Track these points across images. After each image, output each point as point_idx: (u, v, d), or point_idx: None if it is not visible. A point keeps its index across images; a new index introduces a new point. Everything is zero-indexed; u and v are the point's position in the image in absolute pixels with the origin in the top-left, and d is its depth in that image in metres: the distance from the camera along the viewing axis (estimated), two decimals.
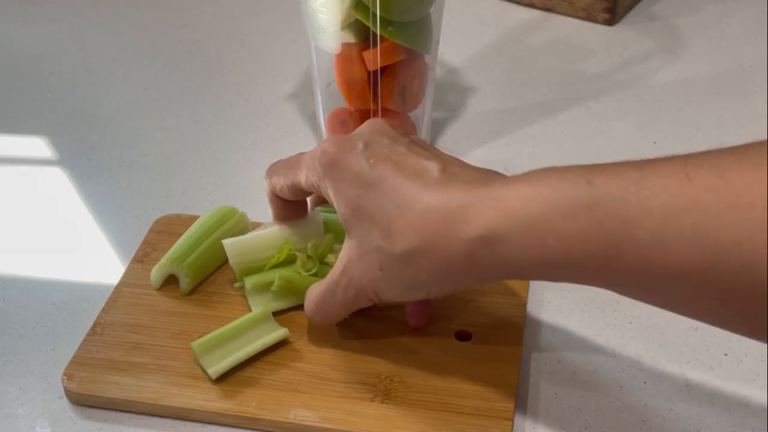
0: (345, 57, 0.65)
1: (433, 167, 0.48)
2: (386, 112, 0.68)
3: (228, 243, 0.58)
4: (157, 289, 0.60)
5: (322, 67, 0.68)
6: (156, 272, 0.59)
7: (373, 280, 0.49)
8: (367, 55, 0.64)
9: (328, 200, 0.51)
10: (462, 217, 0.45)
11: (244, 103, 0.81)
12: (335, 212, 0.51)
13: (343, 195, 0.49)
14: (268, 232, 0.58)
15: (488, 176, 0.48)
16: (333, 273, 0.52)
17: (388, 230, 0.47)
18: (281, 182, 0.55)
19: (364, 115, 0.68)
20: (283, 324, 0.56)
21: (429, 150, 0.51)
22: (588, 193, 0.42)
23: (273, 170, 0.56)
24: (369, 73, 0.65)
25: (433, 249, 0.46)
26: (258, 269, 0.58)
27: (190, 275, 0.59)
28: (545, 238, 0.43)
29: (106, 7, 0.96)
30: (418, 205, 0.47)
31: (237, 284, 0.59)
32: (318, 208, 0.60)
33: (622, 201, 0.40)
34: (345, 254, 0.51)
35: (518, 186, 0.44)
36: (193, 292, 0.60)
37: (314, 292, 0.54)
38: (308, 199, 0.59)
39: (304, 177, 0.52)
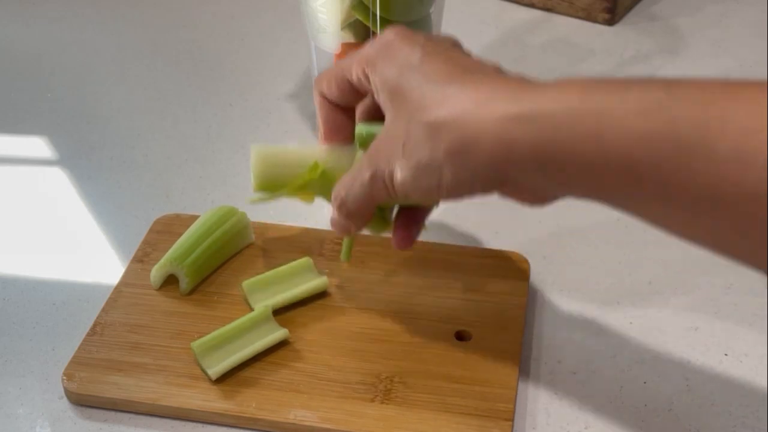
0: (345, 57, 0.65)
1: (483, 66, 0.46)
2: None
3: (257, 149, 0.55)
4: (157, 289, 0.60)
5: (322, 67, 0.68)
6: (156, 272, 0.59)
7: (392, 158, 0.47)
8: None
9: (373, 87, 0.49)
10: (505, 97, 0.42)
11: (244, 103, 0.81)
12: (378, 125, 0.50)
13: (384, 75, 0.47)
14: (302, 149, 0.55)
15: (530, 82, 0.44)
16: (360, 160, 0.50)
17: (421, 103, 0.45)
18: (330, 75, 0.52)
19: None
20: (283, 324, 0.56)
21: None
22: (664, 93, 0.37)
23: (324, 71, 0.54)
24: None
25: (462, 121, 0.43)
26: (279, 185, 0.55)
27: (190, 275, 0.59)
28: (603, 131, 0.38)
29: (106, 7, 0.96)
30: (459, 84, 0.44)
31: (252, 198, 0.56)
32: (359, 124, 0.54)
33: (703, 104, 0.36)
34: (375, 139, 0.49)
35: (549, 86, 0.41)
36: (193, 292, 0.60)
37: (341, 179, 0.52)
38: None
39: (354, 67, 0.50)
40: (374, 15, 0.62)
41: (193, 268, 0.59)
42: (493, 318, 0.57)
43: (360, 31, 0.64)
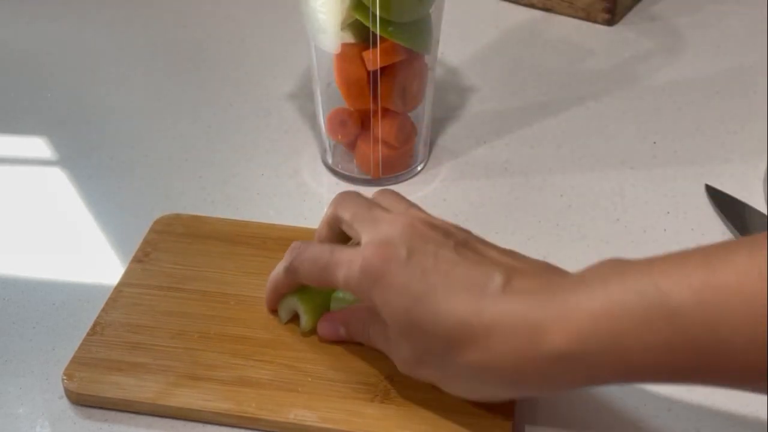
0: (345, 57, 0.65)
1: (488, 278, 0.45)
2: (386, 112, 0.68)
3: None
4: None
5: (322, 67, 0.68)
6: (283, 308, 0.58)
7: (408, 361, 0.48)
8: (367, 55, 0.64)
9: (372, 306, 0.48)
10: (531, 336, 0.42)
11: (244, 103, 0.81)
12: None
13: (390, 308, 0.46)
14: None
15: (548, 281, 0.44)
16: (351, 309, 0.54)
17: (448, 344, 0.44)
18: (313, 269, 0.51)
19: (364, 115, 0.68)
20: (282, 324, 0.56)
21: (478, 251, 0.47)
22: (660, 300, 0.39)
23: (314, 241, 0.54)
24: (369, 73, 0.65)
25: (503, 366, 0.43)
26: None
27: (309, 313, 0.56)
28: (628, 354, 0.40)
29: (106, 7, 0.96)
30: (480, 320, 0.43)
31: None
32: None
33: (700, 307, 0.38)
34: (381, 330, 0.50)
35: (581, 299, 0.41)
36: (193, 292, 0.60)
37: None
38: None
39: (342, 278, 0.48)
40: (374, 15, 0.62)
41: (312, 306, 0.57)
42: None
43: (360, 32, 0.64)
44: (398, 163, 0.70)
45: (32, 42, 0.91)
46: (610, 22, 0.90)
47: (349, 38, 0.64)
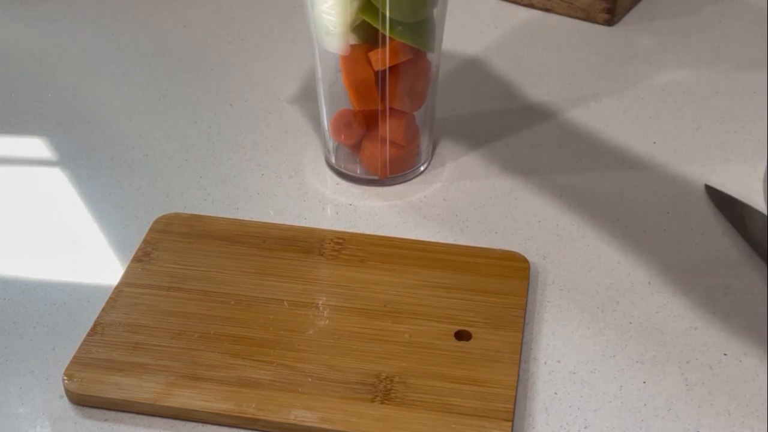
0: (352, 58, 0.65)
1: None
2: (393, 112, 0.68)
3: None
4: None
5: (325, 68, 0.68)
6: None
7: None
8: (374, 55, 0.64)
9: None
10: None
11: (244, 103, 0.81)
12: None
13: None
14: None
15: None
16: None
17: None
18: None
19: (369, 116, 0.68)
20: (283, 324, 0.56)
21: None
22: None
23: None
24: (376, 73, 0.65)
25: None
26: None
27: None
28: None
29: (106, 7, 0.96)
30: None
31: None
32: None
33: None
34: None
35: None
36: (193, 292, 0.60)
37: None
38: None
39: None
40: (383, 16, 0.62)
41: None
42: (493, 318, 0.57)
43: (365, 33, 0.64)
44: (404, 162, 0.71)
45: (32, 42, 0.91)
46: (610, 22, 0.90)
47: (355, 39, 0.64)
